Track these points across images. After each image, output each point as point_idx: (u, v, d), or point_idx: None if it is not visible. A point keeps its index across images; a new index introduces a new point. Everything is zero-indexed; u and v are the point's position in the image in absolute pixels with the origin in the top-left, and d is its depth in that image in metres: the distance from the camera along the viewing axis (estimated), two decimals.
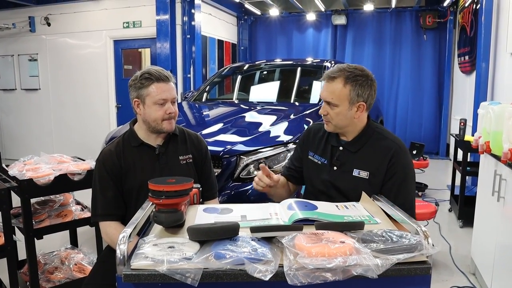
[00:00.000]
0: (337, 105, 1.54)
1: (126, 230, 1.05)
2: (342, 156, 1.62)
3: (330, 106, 1.56)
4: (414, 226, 1.09)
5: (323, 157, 1.68)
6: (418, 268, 0.96)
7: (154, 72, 1.67)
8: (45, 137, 6.96)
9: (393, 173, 1.54)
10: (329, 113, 1.57)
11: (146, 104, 1.67)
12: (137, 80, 1.68)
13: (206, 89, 4.46)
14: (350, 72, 1.53)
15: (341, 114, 1.55)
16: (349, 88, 1.52)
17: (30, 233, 2.19)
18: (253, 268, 0.90)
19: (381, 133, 1.62)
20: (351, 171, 1.59)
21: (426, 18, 7.17)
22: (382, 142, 1.59)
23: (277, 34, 8.28)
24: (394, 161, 1.54)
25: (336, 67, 1.57)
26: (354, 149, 1.61)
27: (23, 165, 2.32)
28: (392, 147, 1.56)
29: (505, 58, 4.10)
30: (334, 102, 1.54)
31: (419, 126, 7.54)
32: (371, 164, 1.56)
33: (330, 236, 1.01)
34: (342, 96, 1.53)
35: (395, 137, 1.63)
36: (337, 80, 1.54)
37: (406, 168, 1.57)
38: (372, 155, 1.58)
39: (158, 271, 0.91)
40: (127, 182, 1.70)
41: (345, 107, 1.54)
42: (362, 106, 1.56)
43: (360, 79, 1.53)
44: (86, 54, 6.55)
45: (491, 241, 2.46)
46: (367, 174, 1.56)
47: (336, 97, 1.53)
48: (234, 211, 1.33)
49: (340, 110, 1.55)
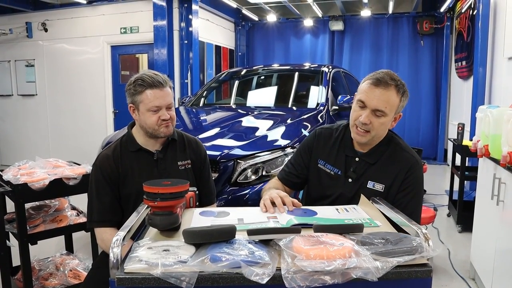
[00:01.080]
0: (386, 115, 1.46)
1: (119, 233, 1.02)
2: (359, 168, 1.55)
3: (377, 115, 1.46)
4: (414, 228, 1.07)
5: (336, 167, 1.58)
6: (419, 271, 0.94)
7: (147, 78, 1.62)
8: (41, 143, 6.92)
9: (407, 186, 1.50)
10: (373, 122, 1.46)
11: (140, 110, 1.64)
12: (131, 86, 1.64)
13: (203, 94, 4.45)
14: (399, 81, 1.47)
15: (384, 125, 1.48)
16: (400, 98, 1.47)
17: (24, 239, 2.16)
18: (250, 271, 0.88)
19: (398, 145, 1.57)
20: (366, 183, 1.53)
21: (423, 23, 7.20)
22: (401, 154, 1.54)
23: (275, 40, 8.30)
24: (409, 174, 1.50)
25: (384, 73, 1.47)
26: (372, 161, 1.54)
27: (17, 170, 2.29)
28: (410, 160, 1.53)
29: (502, 63, 4.11)
30: (386, 111, 1.45)
31: (416, 131, 7.54)
32: (388, 176, 1.51)
33: (329, 239, 0.98)
34: (395, 106, 1.46)
35: (413, 150, 1.58)
36: (391, 88, 1.44)
37: (420, 183, 1.53)
38: (389, 167, 1.52)
39: (152, 274, 0.89)
40: (125, 188, 1.67)
41: (391, 117, 1.48)
42: (399, 117, 1.52)
43: (406, 90, 1.49)
44: (83, 60, 6.54)
45: (490, 246, 2.44)
46: (382, 187, 1.51)
47: (390, 107, 1.45)
48: (231, 214, 1.31)
49: (386, 120, 1.47)
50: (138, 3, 6.15)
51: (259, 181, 2.64)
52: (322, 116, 3.52)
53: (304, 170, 1.68)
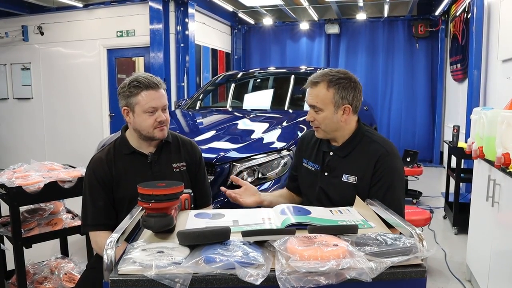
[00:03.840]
0: (322, 110, 1.55)
1: (113, 235, 1.02)
2: (332, 162, 1.62)
3: (316, 111, 1.57)
4: (408, 229, 1.07)
5: (316, 163, 1.67)
6: (413, 272, 0.94)
7: (143, 80, 1.61)
8: (37, 146, 6.89)
9: (380, 178, 1.53)
10: (316, 118, 1.58)
11: (136, 112, 1.63)
12: (125, 88, 1.63)
13: (199, 97, 4.45)
14: (333, 75, 1.54)
15: (327, 119, 1.56)
16: (332, 92, 1.53)
17: (18, 242, 2.14)
18: (244, 273, 0.88)
19: (370, 137, 1.61)
20: (341, 176, 1.58)
21: (418, 27, 7.24)
22: (370, 145, 1.58)
23: (271, 43, 8.31)
24: (380, 165, 1.53)
25: (319, 72, 1.58)
26: (343, 154, 1.60)
27: (12, 173, 2.28)
28: (379, 150, 1.55)
29: (497, 66, 4.14)
30: (319, 106, 1.55)
31: (412, 134, 7.57)
32: (359, 168, 1.56)
33: (323, 240, 0.98)
34: (327, 99, 1.54)
35: (385, 141, 1.61)
36: (320, 85, 1.55)
37: (394, 172, 1.54)
38: (360, 159, 1.57)
39: (147, 276, 0.88)
40: (119, 191, 1.66)
41: (330, 111, 1.55)
42: (347, 109, 1.56)
43: (343, 82, 1.54)
44: (79, 63, 6.52)
45: (486, 247, 2.44)
46: (355, 179, 1.55)
47: (321, 101, 1.54)
48: (226, 216, 1.31)
49: (326, 114, 1.55)
50: (135, 7, 6.15)
51: (255, 184, 2.62)
52: None
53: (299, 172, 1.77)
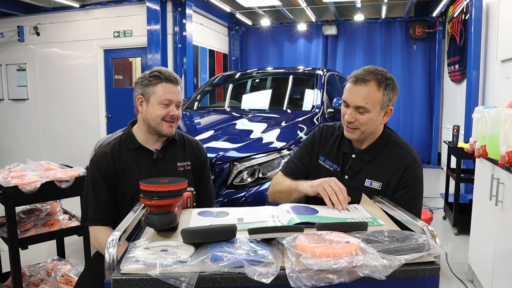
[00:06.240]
0: (369, 111, 1.45)
1: (115, 233, 0.98)
2: (356, 165, 1.53)
3: (360, 112, 1.45)
4: (419, 225, 1.04)
5: (335, 163, 1.58)
6: (427, 269, 0.91)
7: (164, 72, 1.64)
8: (33, 147, 6.82)
9: (404, 186, 1.48)
10: (358, 119, 1.46)
11: (150, 102, 1.62)
12: (145, 78, 1.64)
13: (197, 98, 4.41)
14: (381, 74, 1.46)
15: (371, 121, 1.46)
16: (382, 92, 1.45)
17: (14, 243, 2.10)
18: (253, 271, 0.84)
19: (396, 142, 1.55)
20: (363, 181, 1.51)
21: (415, 28, 7.25)
22: (398, 151, 1.52)
23: (269, 45, 8.30)
24: (406, 173, 1.48)
25: (364, 69, 1.48)
26: (368, 158, 1.52)
27: (8, 172, 2.24)
28: (408, 158, 1.50)
29: (496, 66, 4.13)
30: (367, 107, 1.44)
31: (410, 135, 7.55)
32: (385, 174, 1.49)
33: (334, 236, 0.95)
34: (376, 100, 1.44)
35: (411, 148, 1.56)
36: (370, 84, 1.44)
37: (419, 183, 1.50)
38: (386, 165, 1.50)
39: (150, 275, 0.84)
40: (121, 187, 1.63)
41: (376, 112, 1.46)
42: (389, 111, 1.50)
43: (391, 83, 1.47)
44: (76, 64, 6.47)
45: (489, 247, 2.42)
46: (379, 185, 1.48)
47: (371, 102, 1.44)
48: (230, 214, 1.28)
49: (371, 116, 1.45)
50: (132, 7, 6.11)
51: (255, 184, 2.60)
52: (318, 118, 3.50)
53: (309, 164, 1.67)
